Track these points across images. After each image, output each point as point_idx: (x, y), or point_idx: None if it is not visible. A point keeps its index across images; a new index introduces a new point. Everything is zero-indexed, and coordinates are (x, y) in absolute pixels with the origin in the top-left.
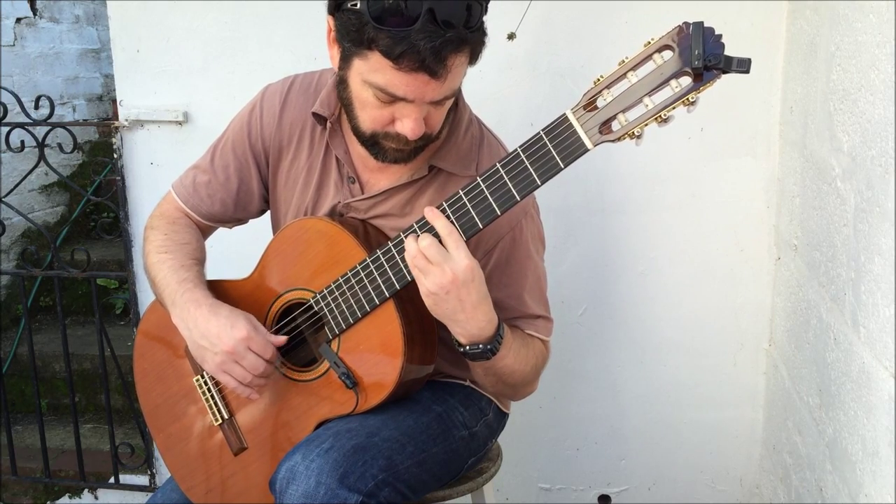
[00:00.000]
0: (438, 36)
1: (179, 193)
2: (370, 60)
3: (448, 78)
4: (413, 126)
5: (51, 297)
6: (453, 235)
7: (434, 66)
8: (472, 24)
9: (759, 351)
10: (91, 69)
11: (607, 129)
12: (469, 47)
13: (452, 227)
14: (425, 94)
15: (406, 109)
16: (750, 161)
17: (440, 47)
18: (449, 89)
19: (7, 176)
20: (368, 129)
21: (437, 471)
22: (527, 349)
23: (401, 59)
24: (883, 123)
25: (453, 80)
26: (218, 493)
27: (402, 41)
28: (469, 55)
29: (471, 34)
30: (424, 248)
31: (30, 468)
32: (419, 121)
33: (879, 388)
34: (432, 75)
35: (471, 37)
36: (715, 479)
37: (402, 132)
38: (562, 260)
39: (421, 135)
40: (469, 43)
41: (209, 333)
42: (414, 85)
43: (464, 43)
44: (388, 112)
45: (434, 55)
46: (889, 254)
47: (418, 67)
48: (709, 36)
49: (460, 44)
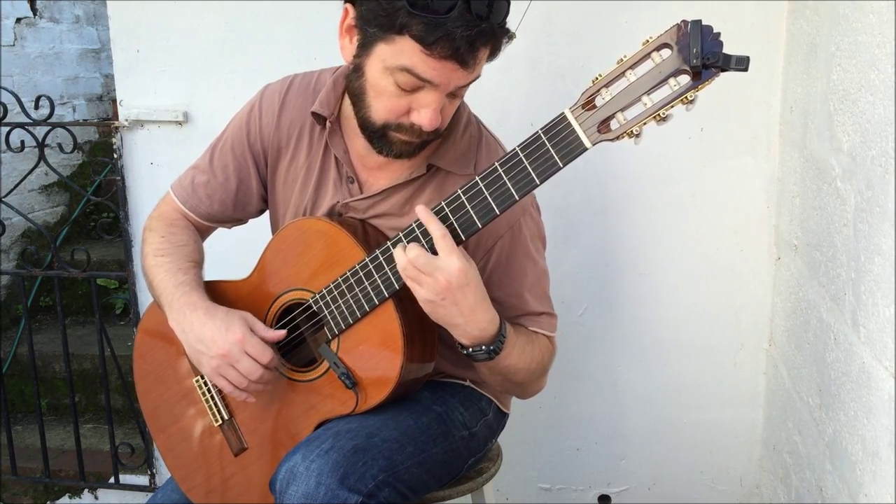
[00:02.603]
0: (474, 26)
1: (178, 194)
2: (398, 45)
3: (475, 69)
4: (431, 115)
5: (51, 297)
6: (446, 239)
7: (466, 56)
8: (501, 20)
9: (759, 351)
10: (91, 69)
11: (606, 127)
12: (495, 42)
13: (445, 230)
14: (451, 81)
15: (426, 98)
16: (750, 161)
17: (475, 37)
18: (472, 78)
19: (7, 176)
20: (381, 119)
21: (437, 471)
22: (532, 346)
23: (434, 45)
24: (883, 123)
25: (478, 71)
26: (218, 494)
27: (438, 28)
28: (491, 50)
29: (500, 29)
30: (413, 259)
31: (30, 468)
32: (437, 111)
33: (879, 388)
34: (462, 64)
35: (500, 31)
36: (715, 479)
37: (417, 122)
38: (562, 260)
39: (437, 126)
40: (497, 37)
41: (204, 337)
42: (442, 71)
43: (493, 37)
44: (405, 101)
45: (468, 44)
46: (889, 254)
47: (451, 55)
48: (707, 34)
49: (491, 37)
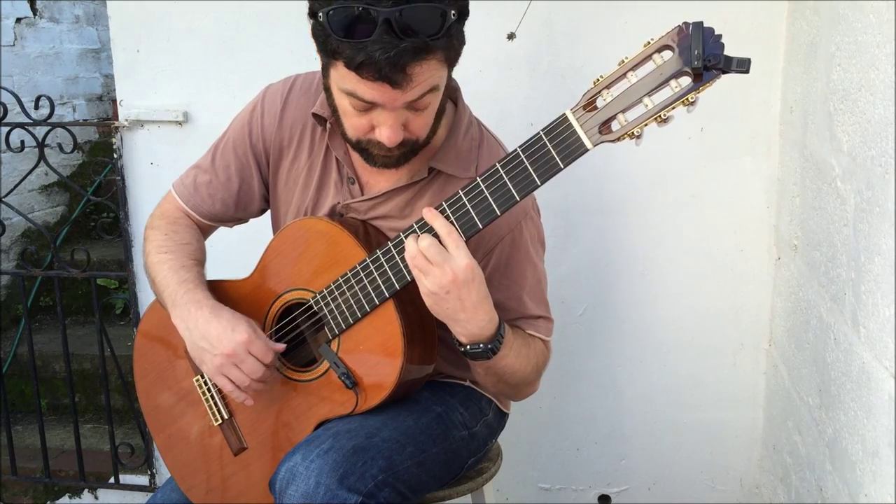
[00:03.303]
0: (393, 46)
1: (180, 193)
2: (339, 70)
3: (413, 85)
4: (389, 133)
5: (51, 297)
6: (453, 235)
7: (392, 76)
8: (436, 32)
9: (759, 351)
10: (91, 69)
11: (607, 129)
12: (438, 53)
13: (452, 227)
14: (394, 100)
15: (381, 116)
16: (750, 161)
17: (395, 58)
18: (418, 94)
19: (7, 176)
20: (353, 136)
21: (437, 471)
22: (528, 349)
23: (360, 69)
24: (883, 123)
25: (421, 86)
26: (218, 494)
27: (360, 52)
28: (443, 60)
29: (434, 41)
30: (424, 249)
31: (30, 468)
32: (395, 128)
33: (879, 388)
34: (393, 85)
35: (434, 44)
36: (715, 479)
37: (380, 139)
38: (562, 260)
39: (399, 141)
40: (432, 50)
41: (209, 335)
42: (380, 91)
43: (424, 51)
44: (365, 120)
45: (391, 65)
46: (889, 254)
47: (377, 77)
48: (708, 36)
49: (419, 52)
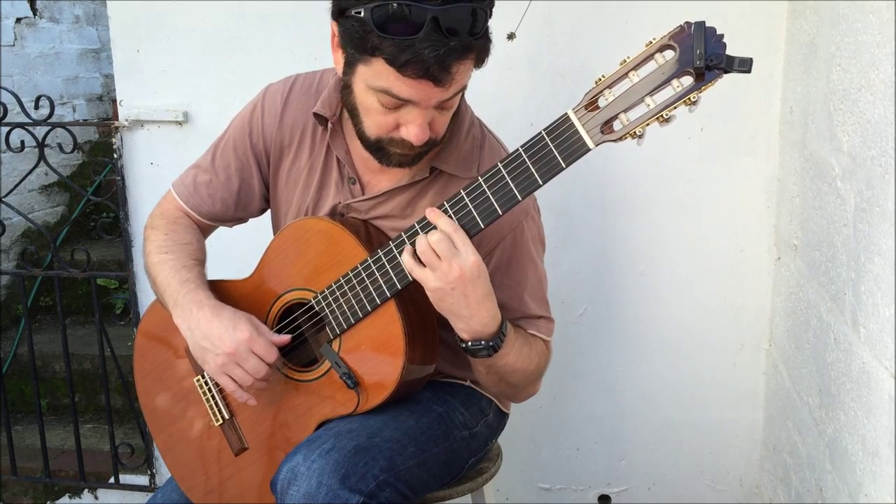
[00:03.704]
0: (443, 45)
1: (180, 193)
2: (374, 67)
3: (453, 84)
4: (418, 132)
5: (51, 297)
6: (458, 233)
7: (438, 75)
8: (476, 31)
9: (759, 351)
10: (91, 69)
11: (609, 128)
12: (474, 53)
13: (456, 225)
14: (430, 98)
15: (411, 115)
16: (750, 161)
17: (444, 56)
18: (452, 93)
19: (7, 176)
20: (374, 134)
21: (438, 471)
22: (529, 348)
23: (405, 67)
24: (883, 123)
25: (458, 85)
26: (218, 494)
27: (407, 49)
28: (474, 60)
29: (475, 41)
30: (434, 243)
31: (30, 468)
32: (424, 126)
33: (879, 388)
34: (437, 83)
35: (475, 43)
36: (715, 480)
37: (406, 138)
38: (562, 260)
39: (426, 140)
40: (473, 49)
41: (211, 334)
42: (418, 89)
43: (468, 50)
44: (392, 118)
45: (438, 64)
46: (889, 254)
47: (422, 75)
48: (710, 36)
49: (464, 51)
